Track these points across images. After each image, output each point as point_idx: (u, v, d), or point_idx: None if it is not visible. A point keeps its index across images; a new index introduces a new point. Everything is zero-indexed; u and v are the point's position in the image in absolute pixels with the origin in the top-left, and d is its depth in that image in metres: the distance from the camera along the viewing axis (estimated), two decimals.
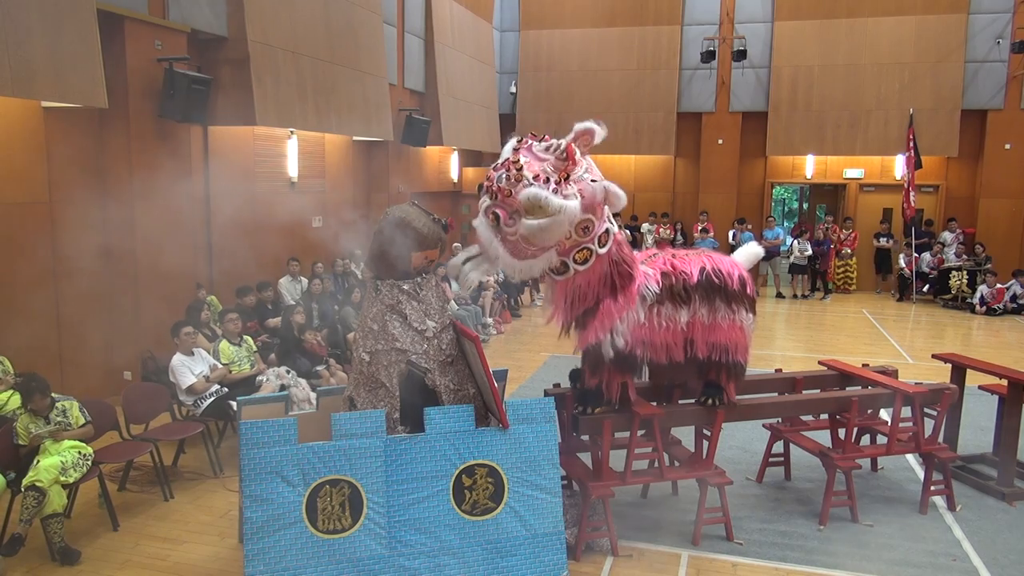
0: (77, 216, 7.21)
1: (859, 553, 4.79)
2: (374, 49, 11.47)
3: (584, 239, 4.29)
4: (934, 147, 15.05)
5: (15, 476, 4.75)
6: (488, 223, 4.18)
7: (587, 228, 4.26)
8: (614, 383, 4.73)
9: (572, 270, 4.37)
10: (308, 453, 4.11)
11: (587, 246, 4.33)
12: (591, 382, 4.77)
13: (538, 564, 4.32)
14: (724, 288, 4.76)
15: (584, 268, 4.37)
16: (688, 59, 16.44)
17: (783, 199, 26.40)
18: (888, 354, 10.17)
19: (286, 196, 10.42)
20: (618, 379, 4.73)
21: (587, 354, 4.75)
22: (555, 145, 4.21)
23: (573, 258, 4.35)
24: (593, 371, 4.74)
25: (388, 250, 4.51)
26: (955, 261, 14.44)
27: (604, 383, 4.71)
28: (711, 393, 5.05)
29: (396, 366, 4.47)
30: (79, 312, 7.23)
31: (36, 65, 5.99)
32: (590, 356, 4.72)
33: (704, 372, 4.99)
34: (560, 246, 4.26)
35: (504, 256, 4.19)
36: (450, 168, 16.14)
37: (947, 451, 5.49)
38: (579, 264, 4.36)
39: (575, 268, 4.37)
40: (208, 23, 8.38)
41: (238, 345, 6.73)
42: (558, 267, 4.38)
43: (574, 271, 4.37)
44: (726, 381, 4.96)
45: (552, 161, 4.16)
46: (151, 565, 4.62)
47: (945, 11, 15.02)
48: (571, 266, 4.36)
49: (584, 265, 4.36)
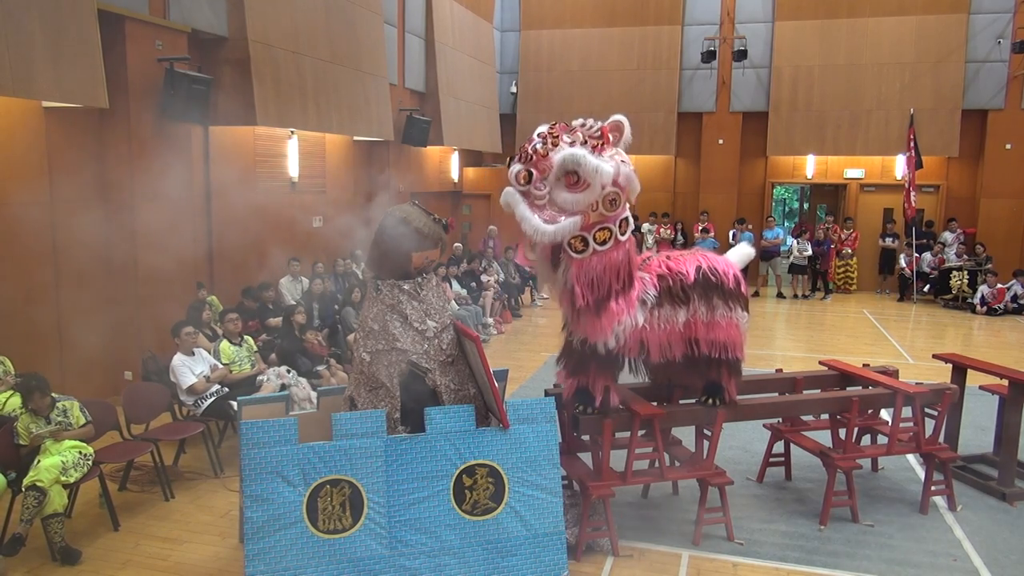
0: (78, 216, 7.21)
1: (859, 553, 4.79)
2: (375, 49, 11.48)
3: (609, 214, 4.31)
4: (935, 147, 15.04)
5: (16, 476, 4.75)
6: (518, 186, 4.23)
7: (614, 201, 4.29)
8: (599, 384, 4.73)
9: (591, 248, 4.35)
10: (309, 453, 4.11)
11: (608, 226, 4.35)
12: (571, 382, 4.76)
13: (538, 564, 4.32)
14: (721, 286, 4.80)
15: (603, 249, 4.36)
16: (689, 59, 16.44)
17: (784, 199, 26.40)
18: (889, 354, 10.16)
19: (287, 196, 10.43)
20: (602, 381, 4.73)
21: (571, 354, 4.75)
22: (591, 124, 4.33)
23: (594, 236, 4.34)
24: (575, 372, 4.74)
25: (389, 250, 4.52)
26: (956, 261, 14.44)
27: (589, 384, 4.72)
28: (712, 392, 5.05)
29: (397, 366, 4.47)
30: (80, 312, 7.23)
31: (37, 65, 6.00)
32: (574, 356, 4.72)
33: (704, 371, 4.99)
34: (585, 219, 4.27)
35: (531, 218, 4.20)
36: (450, 168, 16.15)
37: (948, 451, 5.49)
38: (598, 244, 4.35)
39: (594, 247, 4.35)
40: (208, 23, 8.38)
41: (239, 345, 6.73)
42: (578, 245, 4.35)
43: (592, 250, 4.35)
44: (727, 379, 4.97)
45: (587, 134, 4.29)
46: (152, 565, 4.62)
47: (946, 11, 15.02)
48: (591, 244, 4.35)
49: (603, 246, 4.36)
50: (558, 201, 4.22)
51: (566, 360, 4.84)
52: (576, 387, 4.80)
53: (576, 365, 4.74)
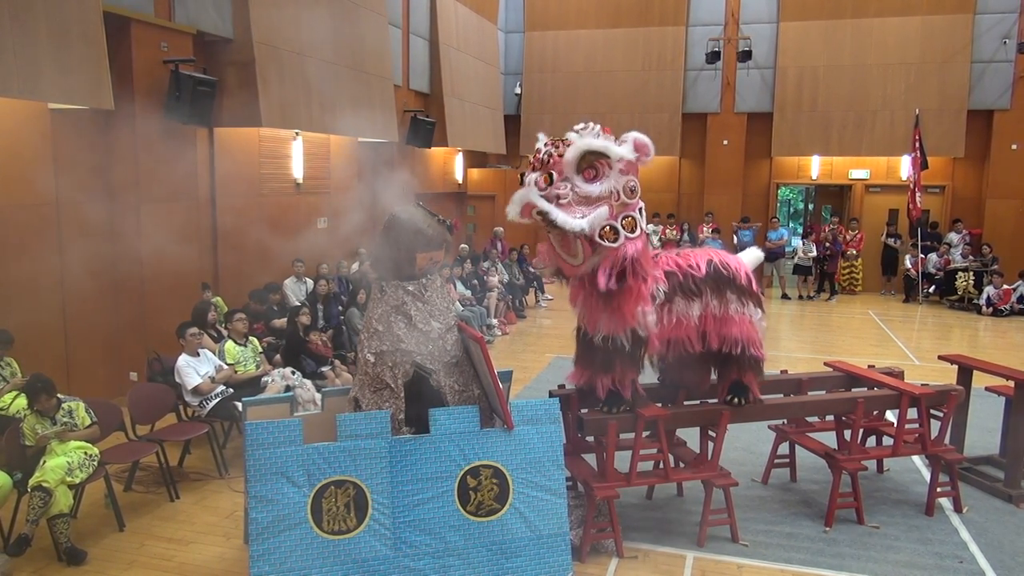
0: (83, 217, 7.24)
1: (865, 555, 4.77)
2: (379, 51, 11.49)
3: (630, 202, 4.36)
4: (940, 147, 15.00)
5: (22, 476, 4.77)
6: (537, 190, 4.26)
7: (633, 189, 4.36)
8: (627, 379, 4.74)
9: (622, 237, 4.35)
10: (313, 454, 4.12)
11: (632, 215, 4.39)
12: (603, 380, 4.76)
13: (543, 565, 4.32)
14: (733, 281, 4.83)
15: (634, 237, 4.38)
16: (693, 60, 16.42)
17: (789, 200, 26.34)
18: (894, 355, 10.13)
19: (291, 197, 10.45)
20: (630, 375, 4.75)
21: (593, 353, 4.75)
22: (592, 126, 4.40)
23: (621, 223, 4.36)
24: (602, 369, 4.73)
25: (393, 251, 4.52)
26: (961, 262, 14.39)
27: (616, 380, 4.72)
28: (737, 392, 5.07)
29: (401, 367, 4.47)
30: (85, 313, 7.25)
31: (43, 67, 6.02)
32: (598, 355, 4.72)
33: (724, 370, 4.99)
34: (609, 209, 4.31)
35: (563, 216, 4.21)
36: (455, 169, 16.16)
37: (953, 453, 5.47)
38: (628, 232, 4.37)
39: (625, 235, 4.36)
40: (214, 25, 8.40)
41: (243, 346, 6.75)
42: (609, 235, 4.34)
43: (624, 238, 4.36)
44: (751, 378, 4.99)
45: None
46: (157, 565, 4.63)
47: (951, 11, 14.97)
48: (621, 232, 4.35)
49: (633, 234, 4.38)
50: (583, 193, 4.25)
51: (588, 360, 4.81)
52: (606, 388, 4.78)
53: (602, 363, 4.72)
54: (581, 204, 4.25)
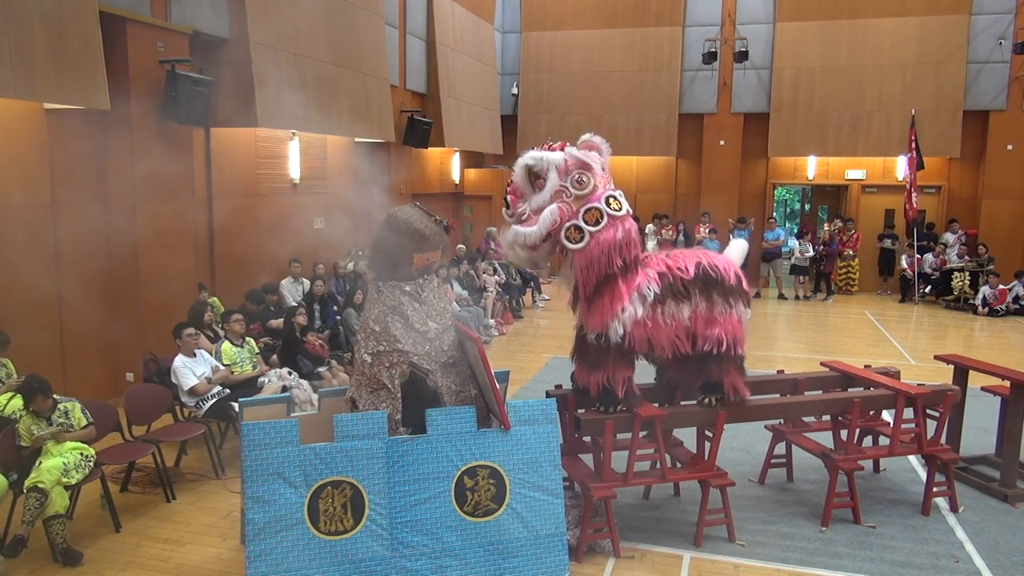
0: (79, 218, 7.22)
1: (861, 554, 4.78)
2: (376, 51, 11.48)
3: (584, 194, 4.55)
4: (936, 148, 15.03)
5: (17, 477, 4.76)
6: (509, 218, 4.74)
7: (581, 181, 4.56)
8: (619, 377, 4.75)
9: (587, 233, 4.52)
10: (310, 454, 4.12)
11: (594, 206, 4.53)
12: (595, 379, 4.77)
13: (540, 565, 4.32)
14: (721, 283, 4.84)
15: (598, 230, 4.53)
16: (690, 60, 16.45)
17: (785, 200, 26.38)
18: (890, 355, 10.16)
19: (288, 198, 10.44)
20: (622, 373, 4.75)
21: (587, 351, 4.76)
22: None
23: (583, 219, 4.52)
24: (594, 367, 4.75)
25: (390, 251, 4.52)
26: (957, 262, 14.43)
27: (609, 377, 4.72)
28: (709, 391, 5.06)
29: (398, 367, 4.47)
30: (81, 313, 7.23)
31: (38, 67, 6.00)
32: (590, 352, 4.73)
33: (706, 369, 5.00)
34: (566, 207, 4.53)
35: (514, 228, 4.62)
36: (452, 169, 16.16)
37: (949, 452, 5.49)
38: (591, 225, 4.53)
39: (588, 230, 4.52)
40: (210, 25, 8.39)
41: (240, 346, 6.74)
42: (574, 235, 4.53)
43: (588, 234, 4.52)
44: (736, 376, 4.99)
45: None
46: (153, 566, 4.62)
47: (947, 12, 15.01)
48: (585, 228, 4.51)
49: (597, 227, 4.53)
50: (535, 205, 4.58)
51: (583, 357, 4.87)
52: (599, 385, 4.81)
53: (594, 360, 4.76)
54: (538, 214, 4.54)
